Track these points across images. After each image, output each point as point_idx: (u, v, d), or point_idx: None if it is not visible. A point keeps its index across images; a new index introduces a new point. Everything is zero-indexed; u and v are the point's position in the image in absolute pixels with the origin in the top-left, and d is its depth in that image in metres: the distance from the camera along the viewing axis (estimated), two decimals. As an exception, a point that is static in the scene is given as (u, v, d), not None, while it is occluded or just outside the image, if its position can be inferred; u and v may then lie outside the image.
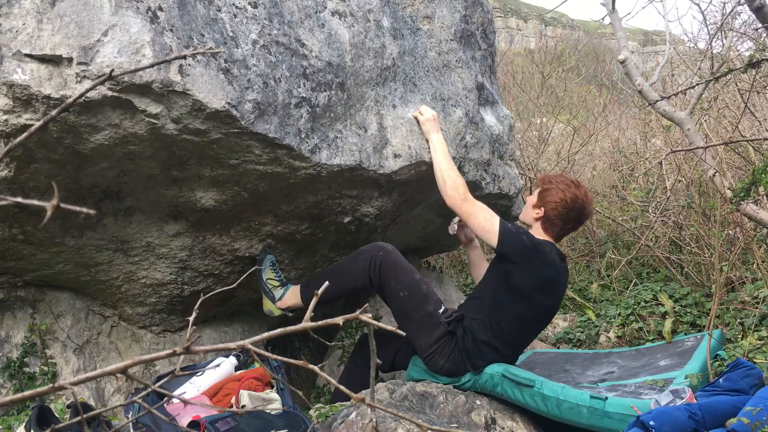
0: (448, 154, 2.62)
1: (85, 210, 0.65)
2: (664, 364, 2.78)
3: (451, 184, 2.54)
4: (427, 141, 2.66)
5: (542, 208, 2.59)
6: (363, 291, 2.61)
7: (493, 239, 2.45)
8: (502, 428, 2.29)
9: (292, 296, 2.64)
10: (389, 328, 0.87)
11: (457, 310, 2.60)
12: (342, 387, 0.83)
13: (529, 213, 2.66)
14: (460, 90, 2.91)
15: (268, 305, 2.67)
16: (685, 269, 4.01)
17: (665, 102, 2.82)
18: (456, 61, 2.91)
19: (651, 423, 1.87)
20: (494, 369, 2.46)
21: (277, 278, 2.65)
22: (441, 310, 2.54)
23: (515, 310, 2.51)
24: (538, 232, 2.61)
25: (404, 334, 0.93)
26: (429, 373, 2.57)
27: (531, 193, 2.76)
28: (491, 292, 2.55)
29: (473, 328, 2.51)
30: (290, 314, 2.66)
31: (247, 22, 2.12)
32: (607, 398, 2.24)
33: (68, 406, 2.38)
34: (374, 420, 2.02)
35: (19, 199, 0.68)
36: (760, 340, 2.98)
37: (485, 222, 2.48)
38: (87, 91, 0.85)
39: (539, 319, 2.65)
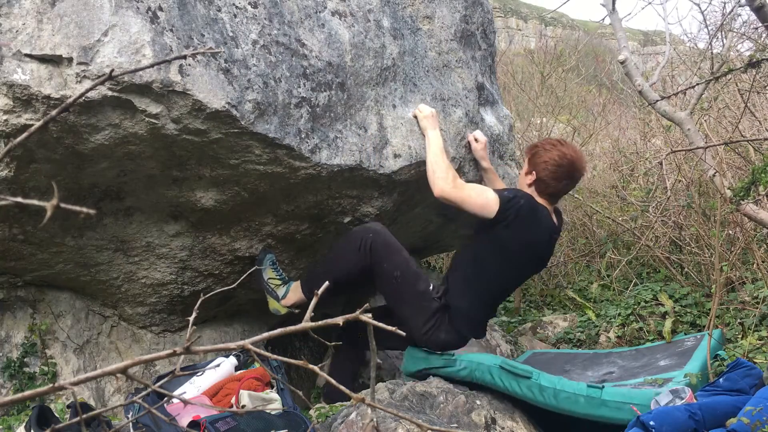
0: (441, 149, 2.59)
1: (85, 210, 0.65)
2: (664, 364, 2.78)
3: (440, 173, 2.51)
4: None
5: (534, 172, 2.64)
6: (358, 274, 2.55)
7: (494, 208, 2.49)
8: (502, 428, 2.29)
9: (294, 293, 2.64)
10: (389, 328, 0.87)
11: (443, 284, 2.67)
12: (343, 387, 0.83)
13: (522, 181, 2.72)
14: (460, 90, 2.91)
15: (273, 304, 2.66)
16: (685, 269, 4.01)
17: (665, 102, 2.82)
18: (456, 61, 2.91)
19: (651, 423, 1.87)
20: (492, 361, 2.46)
21: (278, 277, 2.64)
22: (431, 287, 2.59)
23: (501, 275, 2.65)
24: (530, 191, 2.67)
25: (404, 334, 0.93)
26: (426, 359, 2.59)
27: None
28: (476, 261, 2.61)
29: (462, 298, 2.60)
30: (296, 311, 2.65)
31: (247, 22, 2.12)
32: (604, 387, 2.25)
33: (68, 406, 2.38)
34: (375, 420, 2.02)
35: (19, 199, 0.68)
36: (760, 340, 2.98)
37: (480, 198, 2.51)
38: (87, 91, 0.85)
39: (521, 280, 2.91)
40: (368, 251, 2.50)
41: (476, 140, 2.82)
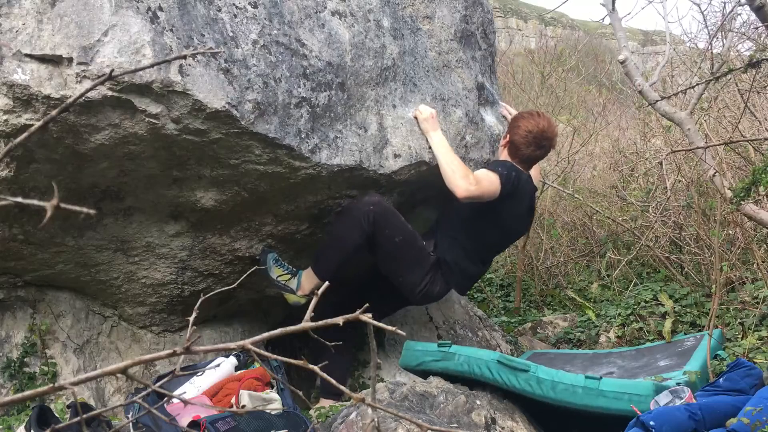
0: (449, 148, 2.65)
1: (85, 210, 0.65)
2: (664, 364, 2.79)
3: (459, 174, 2.55)
4: (428, 141, 2.66)
5: (508, 135, 2.85)
6: (366, 247, 2.62)
7: (499, 189, 2.62)
8: (502, 428, 2.29)
9: (308, 280, 2.64)
10: (389, 328, 0.87)
11: (432, 238, 2.80)
12: (343, 387, 0.83)
13: (502, 144, 2.92)
14: (460, 90, 2.90)
15: (291, 298, 2.67)
16: (685, 269, 4.01)
17: (665, 102, 2.82)
18: (456, 61, 2.91)
19: (651, 423, 1.87)
20: (489, 356, 2.47)
21: (286, 271, 2.64)
22: (425, 243, 2.73)
23: (492, 237, 2.83)
24: (504, 157, 2.86)
25: (404, 333, 0.93)
26: (424, 354, 2.64)
27: None
28: (466, 223, 2.75)
29: (454, 254, 2.75)
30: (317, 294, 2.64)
31: (247, 22, 2.12)
32: (601, 378, 2.26)
33: (68, 406, 2.38)
34: (376, 420, 2.02)
35: (19, 199, 0.68)
36: (760, 340, 2.98)
37: (492, 186, 2.60)
38: (87, 91, 0.85)
39: (511, 241, 3.12)
40: (371, 223, 2.54)
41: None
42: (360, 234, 2.55)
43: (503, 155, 2.87)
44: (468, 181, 2.53)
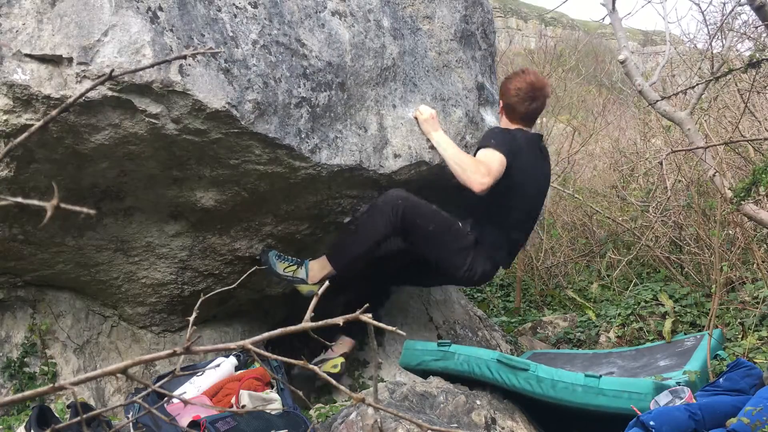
0: (454, 145, 2.65)
1: (85, 210, 0.65)
2: (664, 364, 2.79)
3: (471, 169, 2.55)
4: (428, 141, 2.65)
5: (501, 101, 2.85)
6: (383, 243, 2.64)
7: (505, 163, 2.60)
8: (502, 428, 2.29)
9: (320, 268, 2.64)
10: (389, 328, 0.87)
11: (467, 218, 2.78)
12: (343, 387, 0.83)
13: (498, 112, 2.93)
14: (460, 90, 2.90)
15: (303, 289, 2.66)
16: (685, 269, 4.01)
17: (665, 102, 2.82)
18: (456, 61, 2.91)
19: (651, 423, 1.87)
20: (489, 355, 2.47)
21: (292, 263, 2.64)
22: (461, 225, 2.72)
23: (517, 204, 2.77)
24: (506, 124, 2.84)
25: (404, 333, 0.93)
26: (424, 353, 2.65)
27: None
28: (490, 200, 2.66)
29: (490, 231, 2.74)
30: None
31: (247, 22, 2.12)
32: (601, 376, 2.26)
33: (68, 406, 2.38)
34: (378, 420, 2.02)
35: (19, 199, 0.68)
36: (760, 340, 2.99)
37: (501, 167, 2.58)
38: (87, 91, 0.85)
39: (539, 200, 2.94)
40: (400, 218, 2.56)
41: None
42: (388, 228, 2.57)
43: (503, 122, 2.88)
44: (480, 173, 2.53)
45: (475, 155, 2.65)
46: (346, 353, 2.83)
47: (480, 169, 2.53)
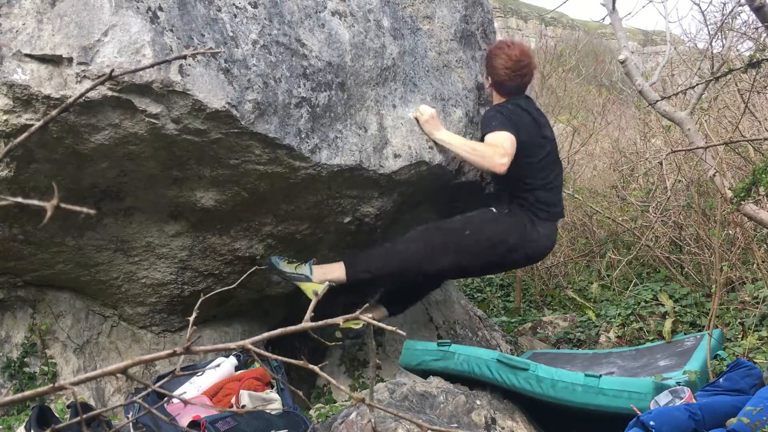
0: (459, 138, 2.68)
1: (85, 210, 0.65)
2: (664, 364, 2.79)
3: (486, 152, 2.57)
4: (428, 141, 2.65)
5: (490, 78, 2.87)
6: (409, 272, 2.69)
7: (514, 137, 2.61)
8: (502, 428, 2.29)
9: (330, 270, 2.65)
10: (389, 328, 0.87)
11: (500, 200, 2.84)
12: (343, 387, 0.83)
13: (487, 88, 2.95)
14: (460, 90, 2.90)
15: (308, 289, 2.63)
16: (685, 269, 4.01)
17: (665, 102, 2.82)
18: (456, 61, 2.91)
19: (651, 423, 1.87)
20: (489, 355, 2.47)
21: (296, 262, 2.64)
22: (494, 209, 2.76)
23: (533, 167, 2.76)
24: (497, 99, 2.87)
25: (404, 333, 0.93)
26: (424, 353, 2.66)
27: None
28: (509, 176, 2.66)
29: (524, 198, 2.76)
30: (334, 285, 2.66)
31: (247, 22, 2.12)
32: (601, 376, 2.26)
33: (68, 406, 2.38)
34: (373, 420, 2.02)
35: (19, 199, 0.68)
36: (760, 340, 2.98)
37: (509, 138, 2.58)
38: (87, 91, 0.85)
39: (553, 157, 2.89)
40: (432, 244, 2.65)
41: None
42: (417, 257, 2.64)
43: (495, 98, 2.90)
44: (498, 154, 2.54)
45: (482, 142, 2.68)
46: (375, 318, 2.81)
47: (497, 151, 2.55)
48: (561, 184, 2.97)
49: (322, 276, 2.63)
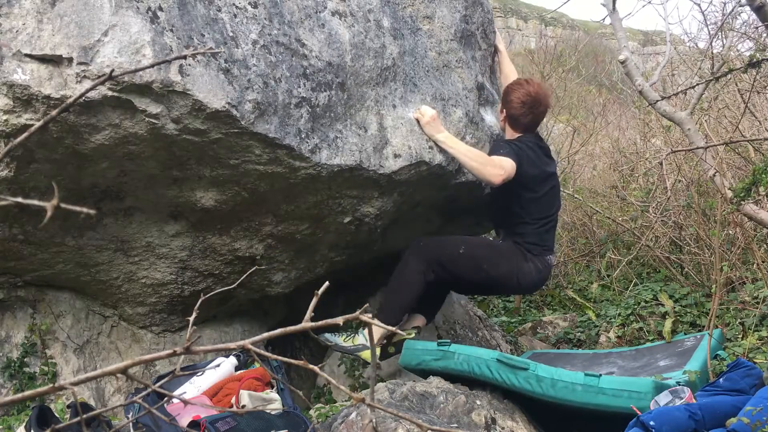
0: (461, 142, 2.71)
1: (85, 210, 0.65)
2: (664, 364, 2.78)
3: (486, 162, 2.62)
4: (428, 141, 2.65)
5: (504, 110, 2.93)
6: (426, 289, 2.75)
7: (514, 166, 2.68)
8: (502, 428, 2.29)
9: (376, 332, 2.70)
10: (390, 328, 0.87)
11: (500, 233, 2.97)
12: (343, 387, 0.83)
13: (500, 119, 3.01)
14: (461, 90, 2.90)
15: (368, 354, 2.77)
16: (685, 269, 4.01)
17: (665, 102, 2.82)
18: (456, 61, 2.91)
19: (651, 423, 1.87)
20: (489, 355, 2.47)
21: (348, 335, 2.78)
22: (491, 239, 2.89)
23: (536, 205, 2.85)
24: (510, 134, 2.94)
25: (404, 333, 0.93)
26: (424, 353, 2.68)
27: None
28: (510, 208, 2.84)
29: (521, 233, 2.85)
30: (384, 341, 2.82)
31: (247, 22, 2.12)
32: (601, 375, 2.26)
33: (68, 406, 2.38)
34: (374, 421, 2.02)
35: (19, 199, 0.68)
36: (760, 340, 2.98)
37: (512, 167, 2.65)
38: (87, 91, 0.85)
39: (554, 198, 2.97)
40: (427, 260, 2.73)
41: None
42: (421, 265, 2.72)
43: (507, 133, 2.96)
44: (496, 166, 2.61)
45: None
46: (419, 327, 2.92)
47: (494, 162, 2.63)
48: (557, 221, 3.06)
49: (375, 339, 2.75)
